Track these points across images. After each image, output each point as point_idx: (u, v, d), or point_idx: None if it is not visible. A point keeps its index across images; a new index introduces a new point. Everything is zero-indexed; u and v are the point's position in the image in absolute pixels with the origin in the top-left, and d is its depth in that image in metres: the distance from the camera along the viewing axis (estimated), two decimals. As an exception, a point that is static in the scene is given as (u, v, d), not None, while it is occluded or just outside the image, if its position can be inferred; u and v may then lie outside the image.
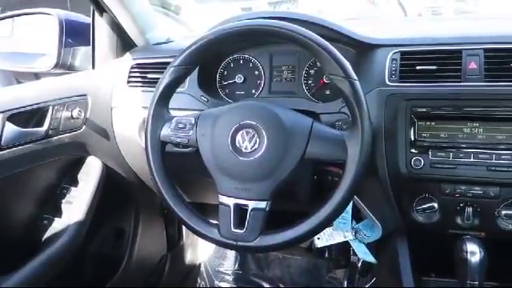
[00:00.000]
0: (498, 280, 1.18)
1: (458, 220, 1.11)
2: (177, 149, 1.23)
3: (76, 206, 1.34)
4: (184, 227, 1.91)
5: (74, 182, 1.38)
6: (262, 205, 0.95)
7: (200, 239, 1.81)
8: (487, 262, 1.01)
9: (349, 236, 1.21)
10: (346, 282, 1.62)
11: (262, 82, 1.33)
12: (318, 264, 2.02)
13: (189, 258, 2.07)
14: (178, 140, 1.02)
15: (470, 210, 1.09)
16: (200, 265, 2.16)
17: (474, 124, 1.06)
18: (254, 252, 1.41)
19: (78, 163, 1.39)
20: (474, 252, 0.99)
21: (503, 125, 1.05)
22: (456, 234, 1.10)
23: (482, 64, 1.06)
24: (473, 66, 1.06)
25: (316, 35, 0.93)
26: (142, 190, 1.60)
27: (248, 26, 0.97)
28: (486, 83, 1.04)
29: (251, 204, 0.95)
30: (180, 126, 1.02)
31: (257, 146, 0.95)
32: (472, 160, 1.06)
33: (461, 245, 1.02)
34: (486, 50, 1.07)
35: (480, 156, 1.05)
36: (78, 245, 1.33)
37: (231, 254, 2.13)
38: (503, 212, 1.08)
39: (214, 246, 2.14)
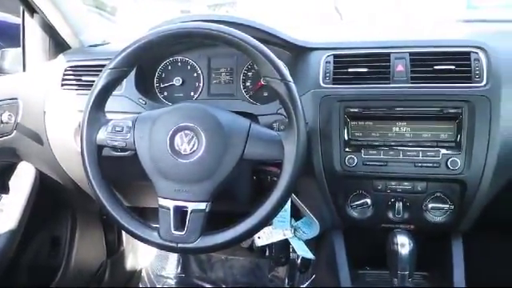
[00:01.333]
0: (427, 269, 1.26)
1: (390, 214, 1.17)
2: (114, 153, 1.21)
3: (7, 214, 1.28)
4: (124, 232, 1.88)
5: (5, 190, 1.32)
6: (202, 206, 0.95)
7: (141, 244, 1.79)
8: (416, 253, 1.07)
9: (288, 234, 1.25)
10: (286, 280, 1.66)
11: (201, 85, 1.34)
12: (259, 263, 2.05)
13: (129, 263, 2.03)
14: (115, 143, 1.00)
15: (400, 204, 1.16)
16: (141, 270, 2.13)
17: (402, 123, 1.13)
18: (195, 253, 1.41)
19: (9, 169, 1.33)
20: (403, 244, 1.05)
21: (428, 123, 1.12)
22: (388, 227, 1.16)
23: (408, 67, 1.12)
24: (400, 68, 1.13)
25: (252, 38, 0.95)
26: (79, 196, 1.55)
27: (185, 28, 0.98)
28: (412, 84, 1.10)
29: (191, 206, 0.95)
30: (117, 129, 1.01)
31: (195, 147, 0.96)
32: (401, 157, 1.12)
33: (392, 237, 1.07)
34: (411, 54, 1.13)
35: (408, 153, 1.12)
36: (8, 256, 1.27)
37: (173, 258, 2.11)
38: (430, 205, 1.15)
39: (155, 250, 2.12)
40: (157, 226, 0.98)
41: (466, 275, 1.19)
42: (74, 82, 1.34)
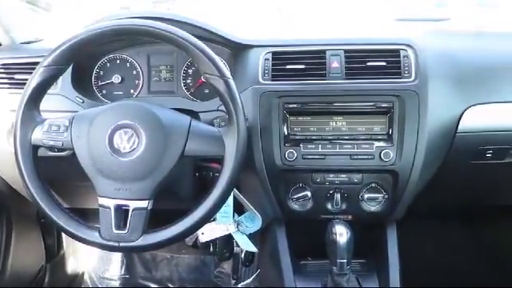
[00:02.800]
0: (364, 256, 1.32)
1: (329, 206, 1.22)
2: (51, 153, 1.18)
3: None
4: (64, 235, 1.82)
5: None
6: (144, 204, 0.95)
7: (82, 247, 1.74)
8: (354, 241, 1.12)
9: (231, 229, 1.26)
10: (232, 274, 1.68)
11: (141, 82, 1.32)
12: (205, 260, 2.06)
13: (70, 267, 1.97)
14: (52, 143, 0.98)
15: (338, 196, 1.21)
16: (83, 273, 2.07)
17: (339, 118, 1.17)
18: (138, 251, 1.40)
19: None
20: (341, 233, 1.09)
21: (362, 118, 1.17)
22: (327, 218, 1.20)
23: (343, 63, 1.17)
24: (335, 65, 1.17)
25: (190, 35, 0.95)
26: (14, 199, 1.49)
27: (122, 25, 0.96)
28: (347, 80, 1.15)
29: (132, 204, 0.95)
30: (53, 128, 0.98)
31: (135, 145, 0.95)
32: (338, 150, 1.17)
33: (330, 228, 1.11)
34: (346, 51, 1.18)
35: (344, 147, 1.17)
36: None
37: (116, 259, 2.07)
38: (366, 195, 1.21)
39: (97, 252, 2.07)
40: (98, 226, 0.97)
41: (400, 260, 1.25)
42: (6, 81, 1.29)
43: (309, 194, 1.21)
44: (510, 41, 1.39)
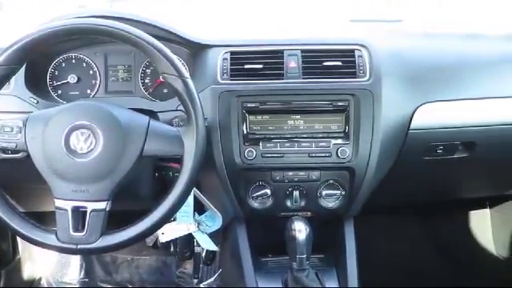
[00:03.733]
0: (323, 252, 1.35)
1: (288, 203, 1.24)
2: (4, 155, 1.14)
3: None
4: (19, 239, 1.77)
5: None
6: (102, 205, 0.94)
7: (39, 251, 1.70)
8: (313, 238, 1.15)
9: (192, 228, 1.26)
10: (193, 274, 1.68)
11: (98, 82, 1.30)
12: (167, 261, 2.04)
13: (27, 272, 1.92)
14: (4, 145, 0.96)
15: (297, 193, 1.23)
16: (40, 278, 2.02)
17: (297, 116, 1.20)
18: (97, 253, 1.39)
19: None
20: (300, 230, 1.11)
21: (320, 116, 1.20)
22: (287, 215, 1.22)
23: (300, 63, 1.19)
24: (293, 64, 1.19)
25: (147, 35, 0.95)
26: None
27: (77, 25, 0.95)
28: (304, 80, 1.18)
29: (90, 205, 0.94)
30: (6, 129, 0.96)
31: (93, 146, 0.94)
32: (296, 148, 1.19)
33: (290, 224, 1.13)
34: (302, 51, 1.20)
35: (302, 144, 1.19)
36: None
37: (75, 263, 2.03)
38: (324, 192, 1.23)
39: (55, 256, 2.02)
40: (55, 229, 0.95)
41: (357, 254, 1.29)
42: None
43: (268, 191, 1.23)
44: (459, 41, 1.45)
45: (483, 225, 2.04)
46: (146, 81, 1.30)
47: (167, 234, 1.26)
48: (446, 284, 1.96)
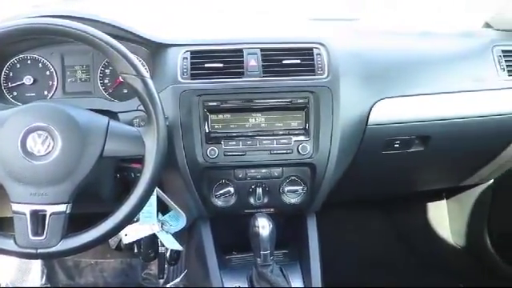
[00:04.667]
0: (287, 247, 1.37)
1: (251, 200, 1.25)
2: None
3: None
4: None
5: None
6: (62, 208, 0.92)
7: (-4, 257, 1.64)
8: (276, 233, 1.16)
9: (155, 228, 1.26)
10: (158, 274, 1.67)
11: (55, 83, 1.28)
12: (132, 263, 2.02)
13: (-15, 280, 1.86)
14: None
15: (260, 190, 1.24)
16: (-1, 286, 1.96)
17: (258, 114, 1.21)
18: (58, 257, 1.36)
19: None
20: (264, 226, 1.13)
21: (280, 114, 1.21)
22: (250, 212, 1.24)
23: (260, 61, 1.20)
24: (253, 63, 1.20)
25: (105, 34, 0.94)
26: None
27: (32, 24, 0.93)
28: (264, 78, 1.19)
29: (49, 208, 0.92)
30: None
31: (51, 148, 0.92)
32: (258, 146, 1.20)
33: (253, 221, 1.15)
34: (262, 49, 1.22)
35: (264, 142, 1.20)
36: None
37: (36, 268, 1.97)
38: (286, 188, 1.25)
39: (14, 261, 1.96)
40: (13, 233, 0.93)
41: (321, 249, 1.32)
42: None
43: (232, 189, 1.24)
44: (413, 39, 1.50)
45: (440, 215, 2.12)
46: (106, 81, 1.28)
47: (130, 235, 1.25)
48: (406, 274, 2.02)
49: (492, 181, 1.85)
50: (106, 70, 1.28)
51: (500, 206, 1.86)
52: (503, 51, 1.42)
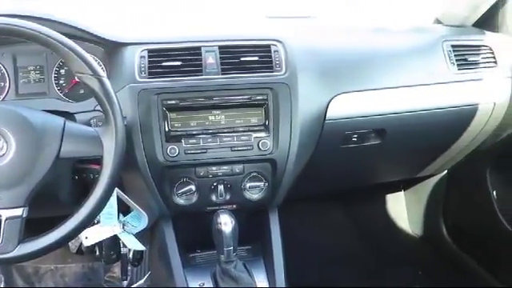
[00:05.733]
0: (250, 243, 1.38)
1: (213, 197, 1.26)
2: None
3: None
4: None
5: None
6: (18, 212, 0.90)
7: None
8: (239, 229, 1.17)
9: (117, 230, 1.24)
10: (121, 276, 1.65)
11: (7, 85, 1.24)
12: (94, 267, 1.98)
13: None
14: None
15: (221, 187, 1.25)
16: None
17: (217, 112, 1.21)
18: (15, 262, 1.32)
19: None
20: (226, 222, 1.13)
21: (240, 111, 1.22)
22: (213, 210, 1.24)
23: (218, 59, 1.21)
24: (211, 60, 1.20)
25: (58, 33, 0.92)
26: None
27: None
28: (223, 76, 1.19)
29: (5, 213, 0.89)
30: None
31: (4, 151, 0.90)
32: (218, 143, 1.21)
33: (216, 218, 1.15)
34: (220, 47, 1.22)
35: (224, 139, 1.21)
36: None
37: (-8, 275, 1.92)
38: (248, 184, 1.26)
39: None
40: None
41: (283, 243, 1.34)
42: None
43: (193, 187, 1.24)
44: (368, 35, 1.54)
45: (399, 206, 2.19)
46: (61, 81, 1.25)
47: (91, 237, 1.23)
48: (367, 264, 2.07)
49: (446, 172, 1.93)
50: (61, 70, 1.25)
51: (453, 196, 1.94)
52: (452, 46, 1.48)
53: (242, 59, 1.21)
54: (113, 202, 1.19)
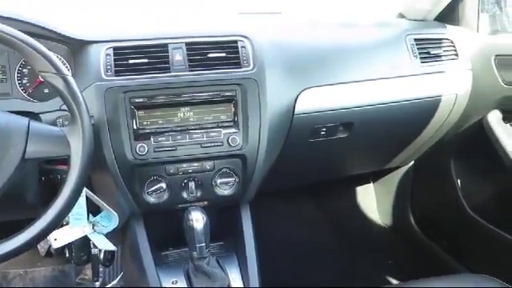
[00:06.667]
0: (222, 239, 1.39)
1: (184, 195, 1.25)
2: None
3: None
4: None
5: None
6: None
7: None
8: (211, 226, 1.18)
9: (87, 230, 1.22)
10: (92, 277, 1.63)
11: None
12: (65, 269, 1.95)
13: None
14: None
15: (192, 184, 1.24)
16: None
17: (186, 109, 1.21)
18: None
19: None
20: (198, 219, 1.13)
21: (209, 107, 1.22)
22: (184, 207, 1.24)
23: (185, 56, 1.20)
24: (178, 57, 1.20)
25: (20, 32, 0.90)
26: None
27: None
28: (190, 72, 1.19)
29: None
30: None
31: None
32: (188, 140, 1.20)
33: (187, 215, 1.15)
34: (187, 44, 1.22)
35: (194, 136, 1.21)
36: None
37: (-42, 283, 1.86)
38: (218, 181, 1.27)
39: None
40: None
41: (256, 238, 1.35)
42: None
43: (164, 185, 1.23)
44: (334, 30, 1.56)
45: (368, 198, 2.23)
46: (24, 81, 1.23)
47: (60, 239, 1.21)
48: (339, 256, 2.11)
49: (412, 163, 1.98)
50: (24, 70, 1.23)
51: (420, 186, 1.99)
52: (415, 39, 1.52)
53: (210, 55, 1.21)
54: (82, 202, 1.18)
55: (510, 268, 1.44)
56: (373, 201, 2.24)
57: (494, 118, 1.53)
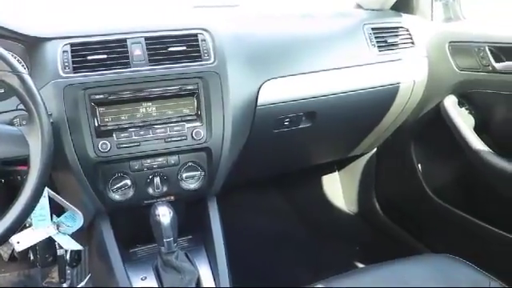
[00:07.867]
0: (191, 233, 1.39)
1: (150, 190, 1.24)
2: None
3: None
4: None
5: None
6: None
7: None
8: (179, 220, 1.17)
9: (51, 231, 1.20)
10: (59, 279, 1.60)
11: None
12: (31, 274, 1.90)
13: None
14: None
15: (157, 179, 1.24)
16: None
17: (148, 104, 1.20)
18: None
19: None
20: (164, 214, 1.13)
21: (171, 101, 1.22)
22: (150, 203, 1.23)
23: (145, 50, 1.19)
24: (138, 52, 1.19)
25: None
26: None
27: None
28: (151, 67, 1.18)
29: None
30: None
31: None
32: (151, 135, 1.19)
33: (153, 210, 1.15)
34: (146, 38, 1.20)
35: (157, 131, 1.20)
36: None
37: None
38: (184, 175, 1.26)
39: None
40: None
41: (223, 231, 1.35)
42: None
43: (129, 182, 1.22)
44: (292, 22, 1.58)
45: (334, 187, 2.27)
46: None
47: (23, 242, 1.18)
48: (308, 245, 2.14)
49: (375, 150, 2.02)
50: None
51: (383, 172, 2.04)
52: (373, 29, 1.56)
53: (170, 49, 1.21)
54: (44, 203, 1.15)
55: (469, 246, 1.50)
56: (338, 189, 2.28)
57: (450, 103, 1.58)
